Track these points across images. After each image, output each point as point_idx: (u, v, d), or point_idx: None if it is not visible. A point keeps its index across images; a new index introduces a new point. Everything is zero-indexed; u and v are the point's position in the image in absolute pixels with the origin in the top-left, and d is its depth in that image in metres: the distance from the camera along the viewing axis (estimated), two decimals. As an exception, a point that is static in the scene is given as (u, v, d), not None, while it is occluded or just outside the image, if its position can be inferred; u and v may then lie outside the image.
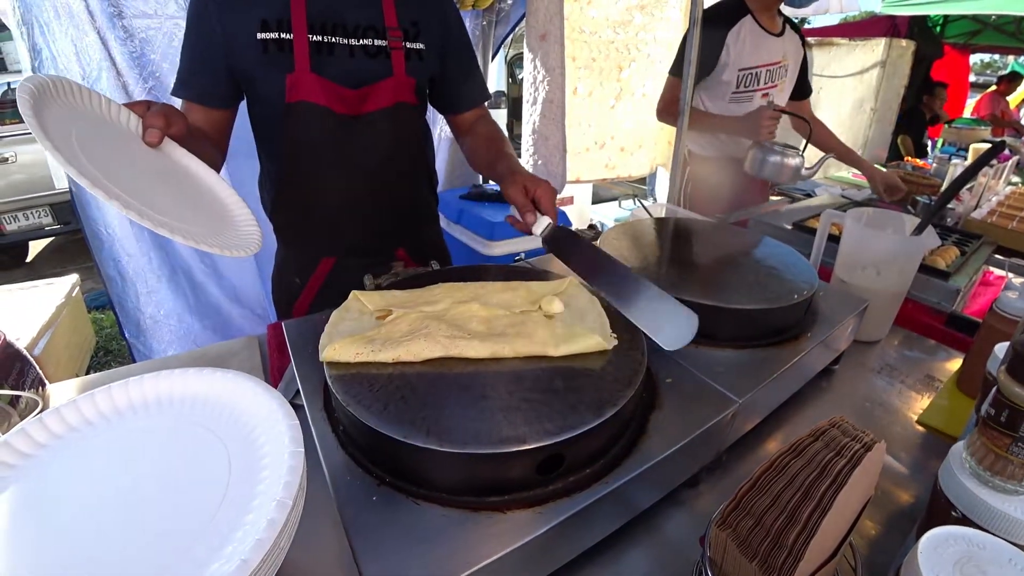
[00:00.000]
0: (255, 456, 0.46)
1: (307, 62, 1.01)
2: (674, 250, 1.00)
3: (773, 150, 1.64)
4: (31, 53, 1.94)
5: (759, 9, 1.81)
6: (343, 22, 1.03)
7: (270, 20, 1.00)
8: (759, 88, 1.86)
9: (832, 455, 0.38)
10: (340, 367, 0.57)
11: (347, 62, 1.04)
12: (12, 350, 0.97)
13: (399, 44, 1.07)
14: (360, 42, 1.05)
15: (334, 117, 1.05)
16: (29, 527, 0.44)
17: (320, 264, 1.23)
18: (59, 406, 0.57)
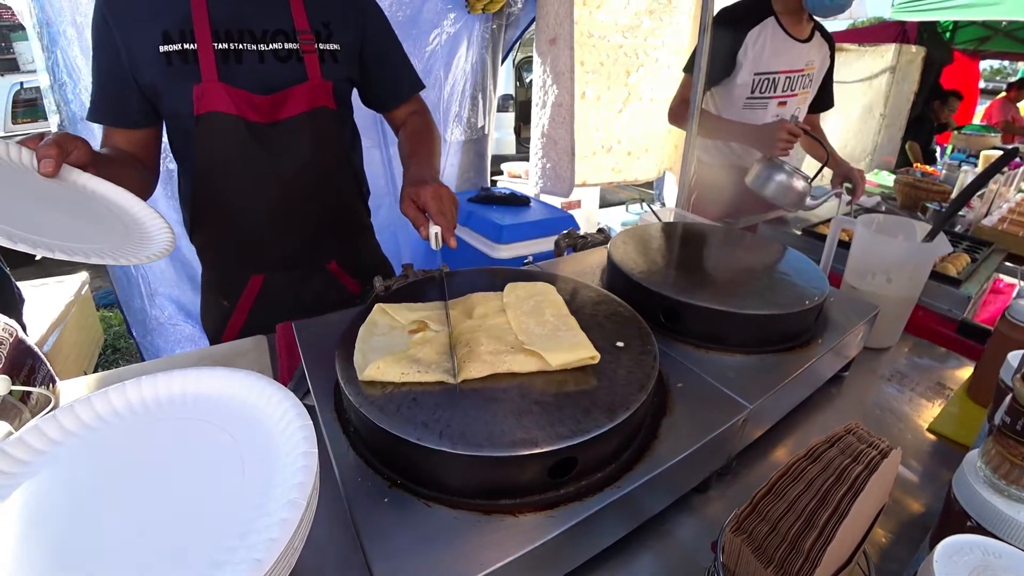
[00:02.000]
0: (269, 457, 0.46)
1: (214, 71, 0.96)
2: (683, 255, 1.00)
3: (782, 168, 1.54)
4: (45, 53, 1.96)
5: (784, 11, 1.74)
6: (250, 27, 0.99)
7: (172, 31, 0.95)
8: (776, 95, 1.80)
9: (849, 461, 0.37)
10: (352, 367, 0.57)
11: (257, 68, 1.00)
12: (24, 346, 0.97)
13: (311, 47, 1.03)
14: (270, 47, 1.00)
15: (247, 126, 1.00)
16: (44, 523, 0.44)
17: (249, 283, 1.17)
18: (73, 403, 0.57)
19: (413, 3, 2.31)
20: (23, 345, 0.97)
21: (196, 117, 0.98)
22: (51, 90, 1.98)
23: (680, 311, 0.77)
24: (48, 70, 1.96)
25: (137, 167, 1.02)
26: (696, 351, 0.76)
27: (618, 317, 0.70)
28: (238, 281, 1.17)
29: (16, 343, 0.95)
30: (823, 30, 1.86)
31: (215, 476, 0.47)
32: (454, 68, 2.53)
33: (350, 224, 1.25)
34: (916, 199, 1.98)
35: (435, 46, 2.43)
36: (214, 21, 0.96)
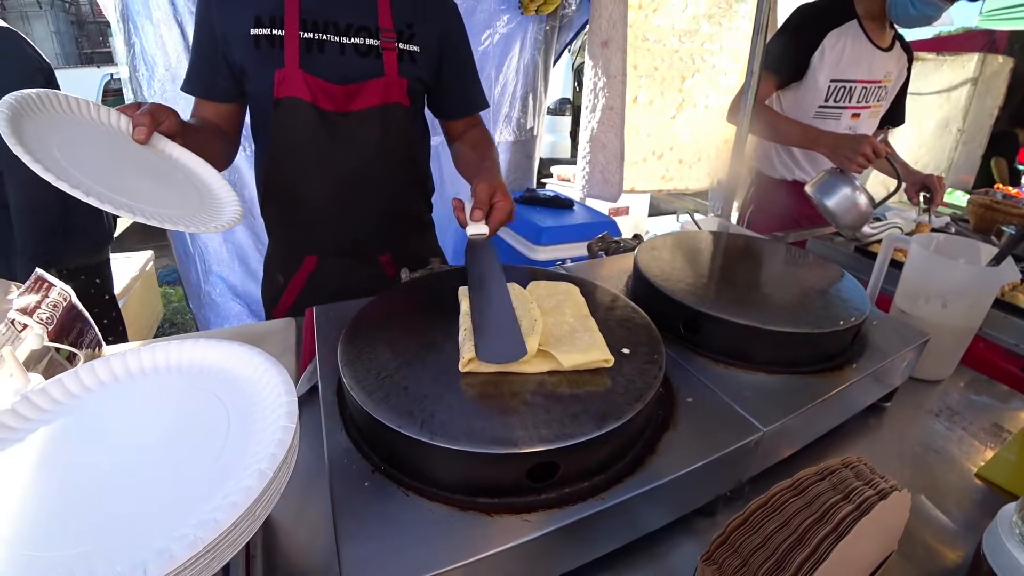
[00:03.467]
0: (253, 427, 0.47)
1: (296, 58, 1.02)
2: (715, 265, 0.95)
3: (852, 183, 1.41)
4: (126, 47, 2.10)
5: (867, 16, 1.62)
6: (335, 20, 1.04)
7: (263, 16, 1.02)
8: (851, 106, 1.69)
9: (839, 499, 0.34)
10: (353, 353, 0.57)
11: (337, 60, 1.05)
12: (76, 311, 1.03)
13: (392, 45, 1.07)
14: (351, 40, 1.05)
15: (320, 113, 1.05)
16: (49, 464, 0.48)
17: (304, 263, 1.22)
18: (93, 362, 0.61)
19: (467, 3, 2.33)
20: (75, 310, 1.03)
21: (275, 100, 1.04)
22: (130, 80, 2.12)
23: (700, 322, 0.74)
24: (127, 63, 2.10)
25: (221, 138, 1.10)
26: (715, 366, 0.72)
27: (630, 323, 0.67)
28: (294, 260, 1.23)
29: (69, 307, 1.02)
30: (903, 40, 1.74)
31: (202, 439, 0.49)
32: (506, 69, 2.54)
33: (409, 219, 1.28)
34: (991, 222, 1.81)
35: (487, 46, 2.45)
36: (303, 11, 1.02)
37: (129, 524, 0.41)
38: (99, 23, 14.03)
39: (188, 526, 0.38)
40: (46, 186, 1.76)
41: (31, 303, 0.94)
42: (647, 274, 0.80)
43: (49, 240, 1.69)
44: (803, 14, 1.69)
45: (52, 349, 0.93)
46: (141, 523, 0.41)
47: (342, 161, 1.10)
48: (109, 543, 0.40)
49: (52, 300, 0.98)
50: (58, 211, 1.70)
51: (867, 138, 1.45)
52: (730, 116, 1.80)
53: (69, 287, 1.03)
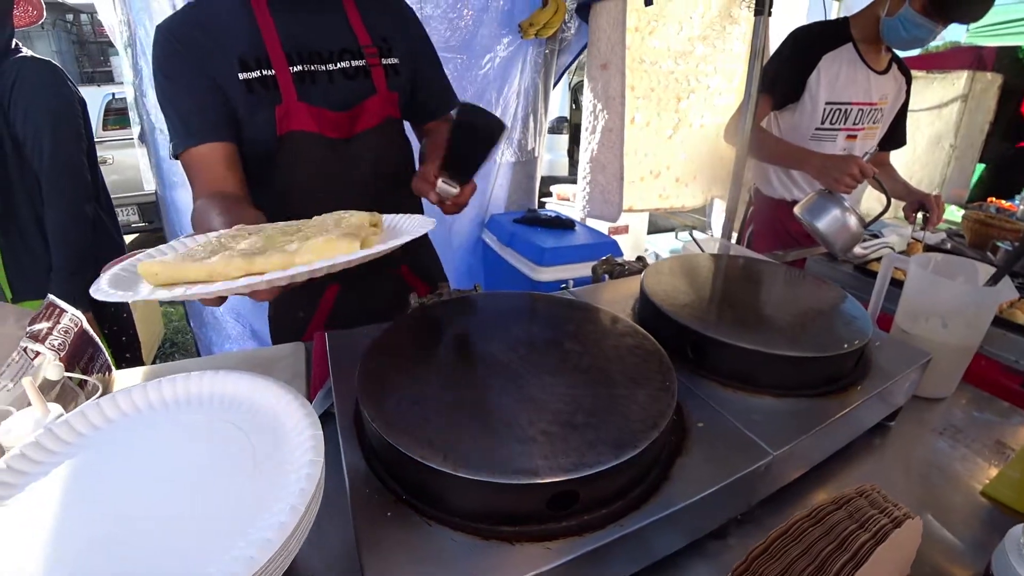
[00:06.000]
0: (279, 461, 0.48)
1: (293, 93, 1.01)
2: (720, 288, 0.97)
3: (840, 204, 1.42)
4: (133, 71, 2.13)
5: (863, 39, 1.66)
6: (318, 49, 1.04)
7: (248, 58, 1.00)
8: (846, 127, 1.72)
9: (855, 527, 0.35)
10: (372, 383, 0.58)
11: (328, 88, 1.05)
12: (87, 337, 1.04)
13: (376, 61, 1.09)
14: (338, 66, 1.06)
15: (326, 142, 1.05)
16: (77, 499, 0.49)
17: (325, 293, 1.21)
18: (115, 393, 0.62)
19: (468, 28, 2.38)
20: (86, 335, 1.04)
21: (279, 138, 1.02)
22: (135, 104, 2.16)
23: (707, 347, 0.75)
24: (134, 85, 2.13)
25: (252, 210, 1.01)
26: (723, 390, 0.73)
27: (641, 350, 0.69)
28: (314, 293, 1.21)
29: (80, 333, 1.03)
30: (900, 63, 1.77)
31: (229, 473, 0.50)
32: (506, 91, 2.59)
33: None
34: (987, 237, 1.84)
35: (488, 70, 2.50)
36: (285, 46, 1.01)
37: (162, 562, 0.42)
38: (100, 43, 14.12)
39: (223, 562, 0.39)
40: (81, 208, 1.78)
41: (43, 330, 0.95)
42: (654, 299, 0.82)
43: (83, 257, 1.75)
44: (798, 37, 1.73)
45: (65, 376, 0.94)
46: (174, 561, 0.41)
47: (350, 184, 1.12)
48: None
49: (64, 326, 0.99)
50: (90, 230, 1.75)
51: (854, 159, 1.46)
52: (727, 136, 1.83)
53: (80, 313, 1.04)
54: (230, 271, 0.55)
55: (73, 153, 1.78)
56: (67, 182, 1.73)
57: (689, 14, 2.74)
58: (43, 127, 1.69)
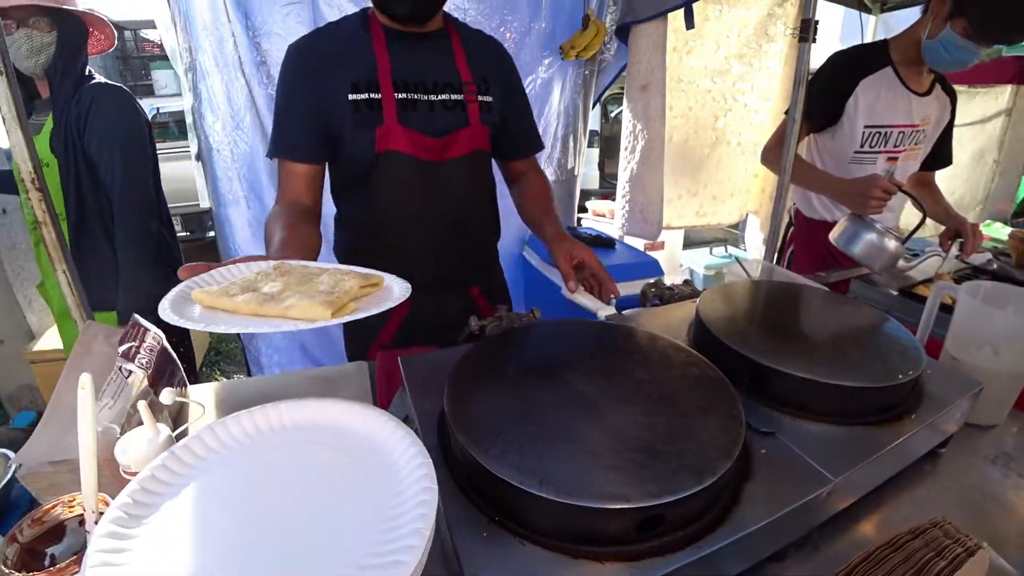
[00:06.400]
0: (392, 488, 0.54)
1: (395, 116, 1.13)
2: (772, 316, 1.01)
3: (872, 227, 1.43)
4: (192, 94, 2.25)
5: (903, 61, 1.66)
6: (423, 80, 1.16)
7: (359, 82, 1.13)
8: (886, 150, 1.72)
9: (932, 555, 0.39)
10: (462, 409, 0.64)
11: (427, 115, 1.17)
12: (168, 354, 1.12)
13: (474, 97, 1.20)
14: (439, 97, 1.17)
15: (418, 163, 1.17)
16: (209, 518, 0.54)
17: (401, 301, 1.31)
18: (226, 419, 0.68)
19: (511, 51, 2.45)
20: (166, 353, 1.12)
21: (377, 155, 1.15)
22: (195, 125, 2.28)
23: (766, 376, 0.79)
24: (193, 109, 2.25)
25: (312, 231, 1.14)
26: (781, 417, 0.77)
27: (706, 380, 0.73)
28: None
29: (162, 351, 1.10)
30: (945, 82, 1.76)
31: (343, 498, 0.55)
32: (547, 112, 2.65)
33: (490, 253, 1.43)
34: (997, 252, 1.81)
35: (530, 90, 2.56)
36: (395, 74, 1.14)
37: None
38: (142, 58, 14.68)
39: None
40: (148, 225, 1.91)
41: (131, 348, 1.02)
42: (712, 328, 0.86)
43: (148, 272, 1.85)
44: (836, 62, 1.74)
45: (152, 394, 1.01)
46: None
47: (436, 205, 1.23)
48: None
49: (148, 345, 1.06)
50: (154, 246, 1.87)
51: (874, 179, 1.45)
52: (764, 159, 1.86)
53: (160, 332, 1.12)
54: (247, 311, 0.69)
55: (141, 173, 1.89)
56: (135, 200, 1.85)
57: (726, 33, 2.78)
58: (115, 149, 1.80)
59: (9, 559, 0.58)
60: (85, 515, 0.61)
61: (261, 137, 2.27)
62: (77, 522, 0.66)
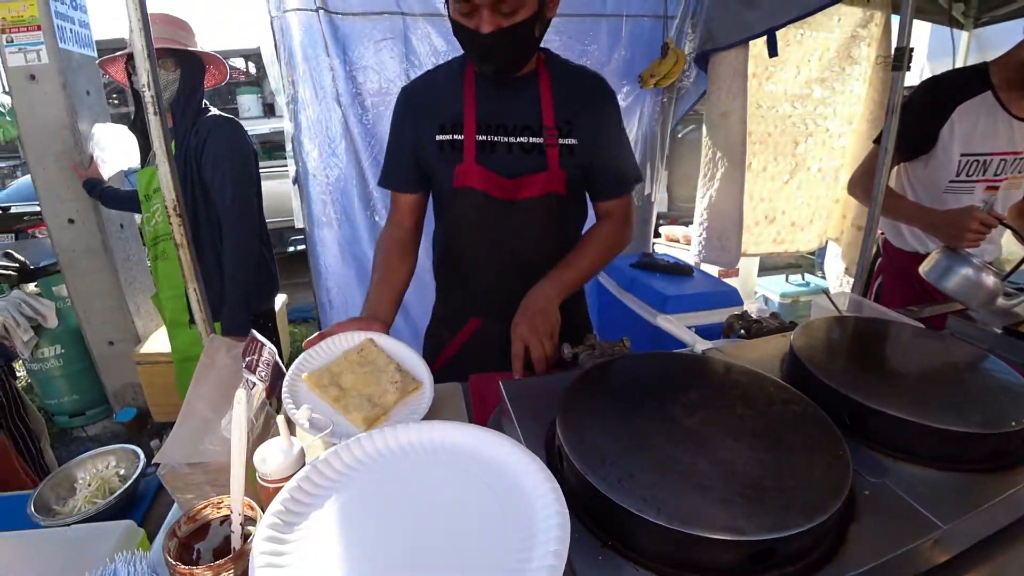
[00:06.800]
0: (526, 516, 0.59)
1: (473, 155, 1.22)
2: (870, 353, 1.00)
3: (968, 261, 1.34)
4: (292, 122, 2.45)
5: (1005, 85, 1.58)
6: (504, 123, 1.23)
7: (446, 124, 1.23)
8: (984, 179, 1.64)
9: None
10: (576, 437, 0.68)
11: (505, 157, 1.23)
12: (279, 368, 1.23)
13: (554, 141, 1.23)
14: (518, 139, 1.23)
15: (490, 200, 1.24)
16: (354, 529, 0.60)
17: (468, 323, 1.39)
18: (360, 436, 0.74)
19: (589, 80, 2.52)
20: (278, 367, 1.22)
21: (453, 189, 1.24)
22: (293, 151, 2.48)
23: (868, 417, 0.79)
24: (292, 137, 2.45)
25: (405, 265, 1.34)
26: (883, 459, 0.77)
27: (808, 418, 0.75)
28: (460, 319, 1.41)
29: (275, 365, 1.20)
30: None
31: (477, 518, 0.60)
32: (626, 140, 2.69)
33: None
34: None
35: (608, 119, 2.62)
36: (479, 116, 1.22)
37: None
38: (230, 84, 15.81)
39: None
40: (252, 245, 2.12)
41: (252, 362, 1.12)
42: (810, 366, 0.87)
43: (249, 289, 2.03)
44: (931, 87, 1.69)
45: (268, 405, 1.11)
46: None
47: (506, 240, 1.29)
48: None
49: (265, 359, 1.15)
50: (255, 264, 2.04)
51: (971, 211, 1.39)
52: (850, 188, 1.81)
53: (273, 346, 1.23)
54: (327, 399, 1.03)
55: (248, 198, 2.07)
56: (241, 222, 2.02)
57: (807, 57, 2.74)
58: (226, 175, 1.99)
59: (170, 551, 0.66)
60: (232, 516, 0.68)
61: (354, 164, 2.44)
62: (219, 522, 0.73)
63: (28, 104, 2.65)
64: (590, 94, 1.30)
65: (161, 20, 1.94)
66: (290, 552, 0.58)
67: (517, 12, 1.05)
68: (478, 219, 1.28)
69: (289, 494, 0.65)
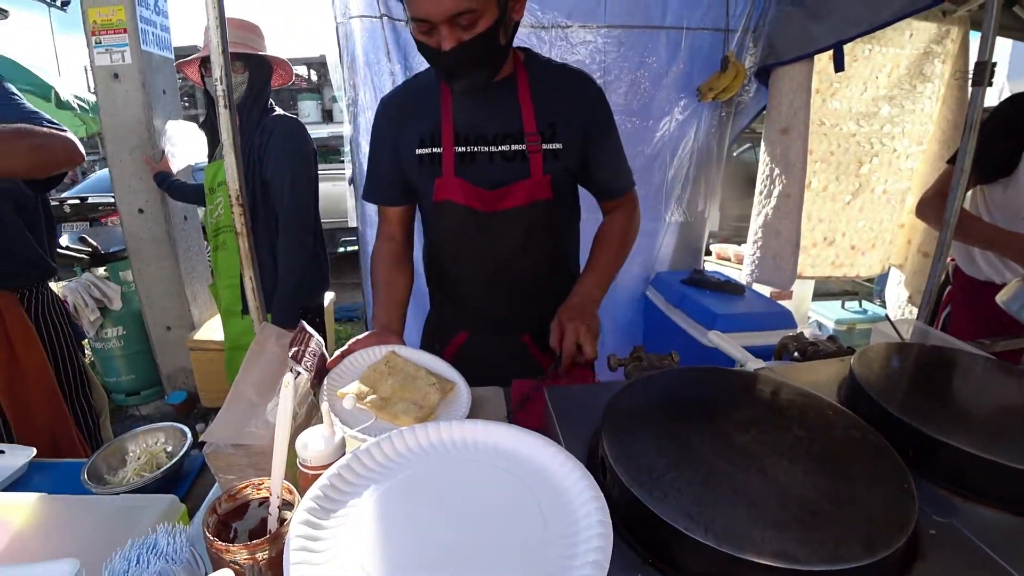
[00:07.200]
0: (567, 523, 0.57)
1: (452, 168, 1.19)
2: (937, 383, 0.94)
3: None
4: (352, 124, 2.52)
5: None
6: (484, 133, 1.19)
7: (425, 138, 1.21)
8: None
9: None
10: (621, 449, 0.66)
11: (486, 167, 1.19)
12: (324, 358, 1.25)
13: (536, 147, 1.18)
14: (499, 148, 1.19)
15: (472, 213, 1.21)
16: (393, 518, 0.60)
17: (456, 336, 1.37)
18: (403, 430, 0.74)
19: (647, 92, 2.50)
20: (324, 358, 1.24)
21: (434, 203, 1.23)
22: (350, 151, 2.55)
23: (935, 450, 0.74)
24: (350, 138, 2.52)
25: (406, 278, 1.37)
26: (951, 497, 0.72)
27: (869, 446, 0.70)
28: (448, 332, 1.40)
29: (320, 356, 1.23)
30: None
31: (517, 519, 0.58)
32: (680, 152, 2.66)
33: (552, 300, 1.31)
34: None
35: (664, 132, 2.59)
36: (457, 127, 1.20)
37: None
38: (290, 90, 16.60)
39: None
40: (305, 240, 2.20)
41: (299, 352, 1.15)
42: (872, 392, 0.82)
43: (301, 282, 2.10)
44: (1012, 106, 1.59)
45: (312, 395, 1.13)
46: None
47: (490, 252, 1.26)
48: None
49: (311, 349, 1.18)
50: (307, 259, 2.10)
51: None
52: (920, 209, 1.72)
53: (321, 338, 1.25)
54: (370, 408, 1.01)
55: (305, 195, 2.14)
56: (297, 218, 2.09)
57: (875, 73, 2.62)
58: (286, 172, 2.06)
59: (209, 526, 0.67)
60: (271, 499, 0.70)
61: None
62: (258, 503, 0.75)
63: (111, 101, 2.87)
64: (575, 94, 1.23)
65: (235, 25, 2.04)
66: (325, 538, 0.59)
67: (476, 23, 1.00)
68: (460, 232, 1.25)
69: (329, 480, 0.66)
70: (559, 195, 1.25)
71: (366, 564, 0.54)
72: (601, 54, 2.40)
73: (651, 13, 2.44)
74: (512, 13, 1.08)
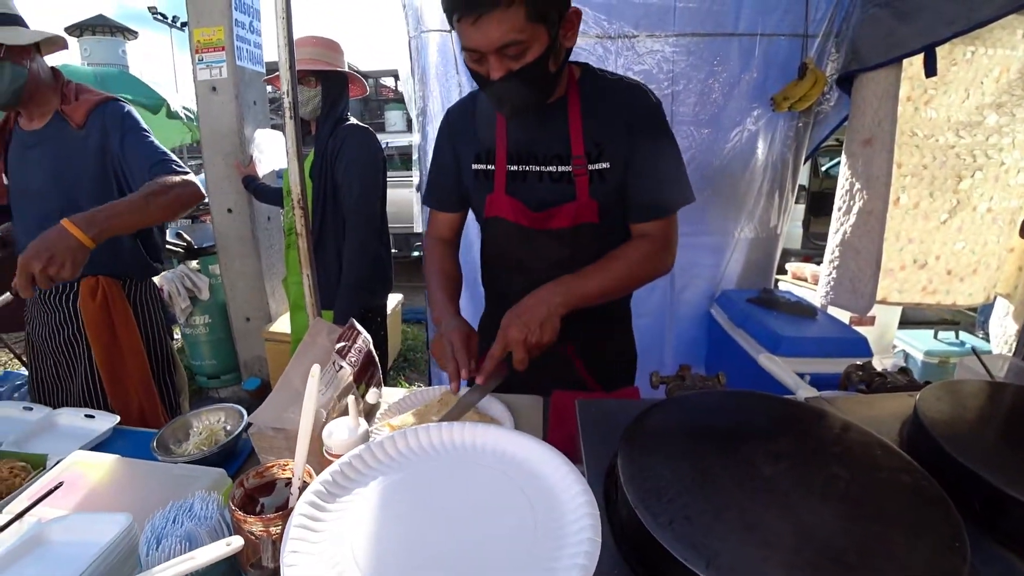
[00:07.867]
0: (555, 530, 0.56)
1: (503, 186, 1.24)
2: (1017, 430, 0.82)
3: None
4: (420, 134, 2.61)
5: None
6: (535, 152, 1.22)
7: (481, 153, 1.27)
8: None
9: None
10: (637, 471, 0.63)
11: (535, 186, 1.23)
12: (371, 356, 1.29)
13: (582, 170, 1.19)
14: (547, 169, 1.22)
15: (519, 230, 1.25)
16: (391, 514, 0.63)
17: None
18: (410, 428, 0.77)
19: (717, 103, 2.41)
20: (371, 355, 1.28)
21: (485, 218, 1.30)
22: (418, 160, 2.64)
23: (1006, 505, 0.65)
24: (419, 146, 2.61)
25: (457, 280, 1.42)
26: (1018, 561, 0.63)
27: (919, 493, 0.63)
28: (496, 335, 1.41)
29: (367, 353, 1.27)
30: None
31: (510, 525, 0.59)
32: (752, 165, 2.54)
33: (595, 317, 1.28)
34: None
35: (735, 143, 2.49)
36: (510, 146, 1.24)
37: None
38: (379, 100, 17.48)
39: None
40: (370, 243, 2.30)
41: (345, 347, 1.19)
42: (935, 433, 0.73)
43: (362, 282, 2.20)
44: None
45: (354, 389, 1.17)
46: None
47: (538, 268, 1.27)
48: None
49: (358, 346, 1.22)
50: (369, 261, 2.20)
51: None
52: None
53: (369, 336, 1.29)
54: None
55: (372, 201, 2.24)
56: (363, 223, 2.18)
57: (979, 79, 2.36)
58: (355, 178, 2.16)
59: (235, 498, 0.74)
60: (292, 479, 0.76)
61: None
62: (284, 483, 0.81)
63: (208, 111, 3.22)
64: (623, 109, 1.19)
65: (314, 43, 2.18)
66: (326, 519, 0.63)
67: (525, 54, 1.01)
68: (509, 246, 1.31)
69: (339, 467, 0.70)
70: (606, 220, 1.23)
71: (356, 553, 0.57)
72: (669, 63, 2.33)
73: (723, 20, 2.36)
74: (563, 41, 1.08)
